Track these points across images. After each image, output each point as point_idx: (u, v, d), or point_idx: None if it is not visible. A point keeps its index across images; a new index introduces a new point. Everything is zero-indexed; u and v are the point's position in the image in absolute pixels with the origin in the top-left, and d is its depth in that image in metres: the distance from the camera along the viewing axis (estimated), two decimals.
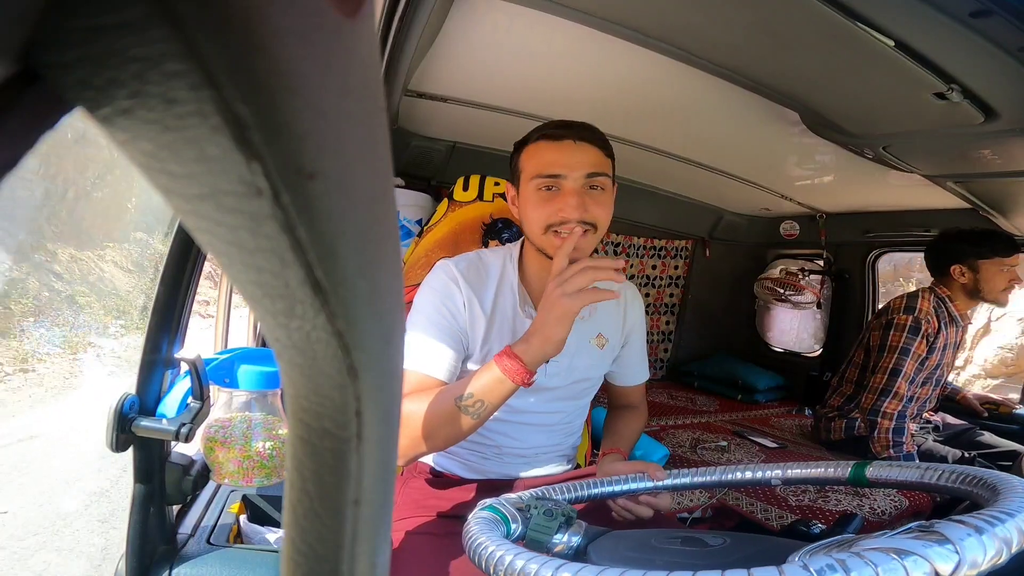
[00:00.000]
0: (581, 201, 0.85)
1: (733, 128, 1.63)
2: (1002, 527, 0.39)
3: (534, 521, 0.60)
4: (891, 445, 1.76)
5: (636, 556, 0.54)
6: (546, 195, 0.87)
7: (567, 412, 1.04)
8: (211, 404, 0.75)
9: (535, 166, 0.88)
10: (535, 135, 0.90)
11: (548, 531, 0.60)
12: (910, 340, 1.80)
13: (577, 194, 0.85)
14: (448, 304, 0.92)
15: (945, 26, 0.80)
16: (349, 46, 0.12)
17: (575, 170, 0.85)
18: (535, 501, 0.63)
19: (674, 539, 0.56)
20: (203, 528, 0.88)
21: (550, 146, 0.87)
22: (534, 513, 0.61)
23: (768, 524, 1.46)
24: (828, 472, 0.73)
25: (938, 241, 1.90)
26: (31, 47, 0.10)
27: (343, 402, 0.16)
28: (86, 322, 5.05)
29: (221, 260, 0.13)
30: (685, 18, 0.97)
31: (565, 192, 0.86)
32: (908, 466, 0.67)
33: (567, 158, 0.86)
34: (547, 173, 0.86)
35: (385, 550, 0.20)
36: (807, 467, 0.76)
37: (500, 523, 0.60)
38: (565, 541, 0.59)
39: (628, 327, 1.07)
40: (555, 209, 0.85)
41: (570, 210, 0.84)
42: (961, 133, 1.21)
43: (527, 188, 0.89)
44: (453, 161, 2.00)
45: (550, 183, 0.86)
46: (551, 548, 0.60)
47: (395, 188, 0.49)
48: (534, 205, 0.88)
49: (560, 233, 0.86)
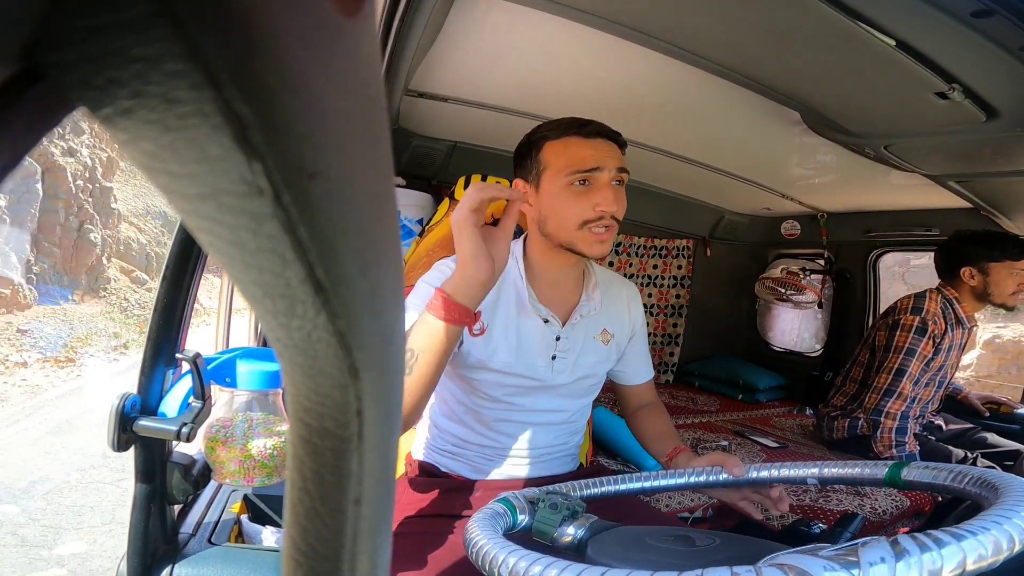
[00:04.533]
0: (617, 195, 0.87)
1: (734, 128, 1.63)
2: (933, 554, 0.38)
3: (540, 514, 0.63)
4: (894, 445, 1.76)
5: (624, 552, 0.56)
6: (581, 190, 0.87)
7: (572, 411, 1.03)
8: (212, 404, 0.75)
9: (568, 162, 0.88)
10: (559, 131, 0.90)
11: (552, 524, 0.62)
12: (916, 341, 1.80)
13: (613, 189, 0.87)
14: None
15: (946, 26, 0.80)
16: (350, 46, 0.12)
17: (609, 164, 0.87)
18: (546, 496, 0.65)
19: (668, 537, 0.58)
20: (204, 527, 0.89)
21: (584, 142, 0.88)
22: (541, 506, 0.64)
23: (769, 524, 1.46)
24: (865, 472, 0.73)
25: (949, 242, 1.89)
26: (33, 46, 0.10)
27: (344, 401, 0.16)
28: None
29: (222, 260, 0.13)
30: (686, 18, 0.97)
31: (602, 186, 0.87)
32: (943, 468, 0.65)
33: (602, 153, 0.87)
34: (585, 168, 0.87)
35: (386, 550, 0.20)
36: (844, 466, 0.76)
37: (506, 515, 0.63)
38: (572, 533, 0.61)
39: (632, 323, 1.07)
40: (592, 203, 0.86)
41: (608, 203, 0.86)
42: (962, 133, 1.20)
43: (555, 184, 0.88)
44: (454, 161, 2.00)
45: (586, 177, 0.87)
46: (556, 540, 0.62)
47: (396, 188, 0.49)
48: (568, 201, 0.88)
49: (594, 230, 0.87)
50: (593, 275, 1.01)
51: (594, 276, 1.01)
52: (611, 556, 0.55)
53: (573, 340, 0.98)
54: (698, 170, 2.09)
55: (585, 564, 0.45)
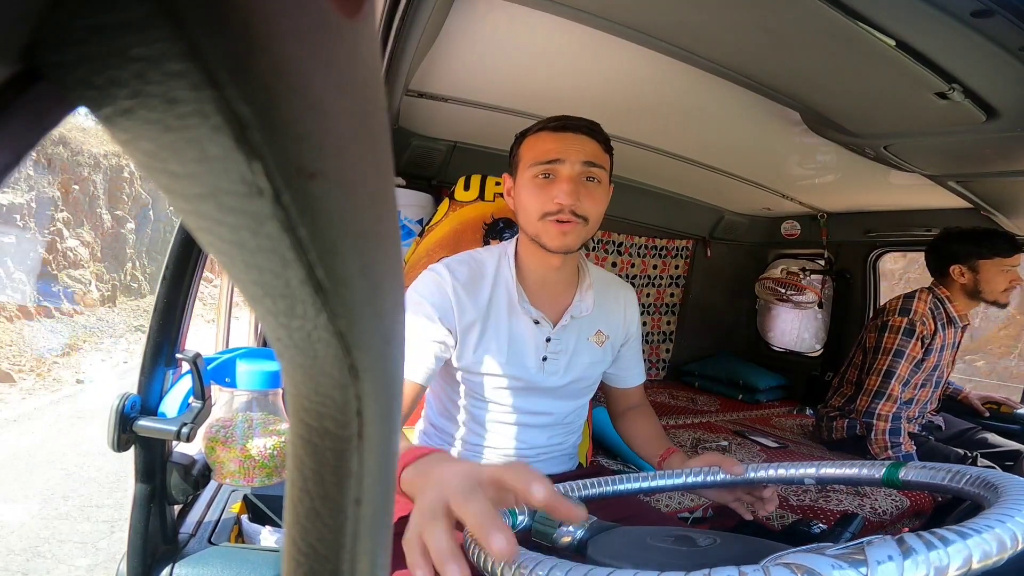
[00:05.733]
0: (575, 189, 0.86)
1: (734, 128, 1.63)
2: (939, 552, 0.38)
3: (539, 515, 0.63)
4: (889, 446, 1.76)
5: (625, 552, 0.56)
6: (543, 183, 0.88)
7: (567, 412, 1.03)
8: (212, 404, 0.75)
9: (533, 154, 0.89)
10: (536, 128, 0.92)
11: (552, 524, 0.62)
12: (904, 342, 1.79)
13: (572, 181, 0.87)
14: (431, 306, 0.91)
15: (946, 26, 0.80)
16: (350, 46, 0.12)
17: (572, 156, 0.87)
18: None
19: (668, 537, 0.58)
20: (204, 528, 0.89)
21: (551, 136, 0.89)
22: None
23: (769, 524, 1.46)
24: (862, 472, 0.73)
25: (938, 241, 1.89)
26: (33, 46, 0.10)
27: (344, 401, 0.16)
28: None
29: (222, 260, 0.13)
30: (686, 18, 0.97)
31: (561, 178, 0.87)
32: (941, 468, 0.64)
33: (566, 146, 0.88)
34: (545, 160, 0.88)
35: (386, 550, 0.20)
36: (841, 466, 0.75)
37: (505, 516, 0.63)
38: (572, 534, 0.61)
39: (627, 326, 1.07)
40: (551, 196, 0.87)
41: (564, 196, 0.86)
42: (962, 133, 1.20)
43: (524, 176, 0.91)
44: (454, 161, 2.00)
45: (548, 170, 0.88)
46: (556, 540, 0.62)
47: (396, 188, 0.49)
48: (530, 193, 0.89)
49: (555, 220, 0.87)
50: (588, 276, 1.01)
51: (588, 277, 1.01)
52: (612, 556, 0.55)
53: (565, 342, 0.98)
54: (698, 170, 2.09)
55: (589, 565, 0.45)
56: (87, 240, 7.42)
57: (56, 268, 6.82)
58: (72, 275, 7.09)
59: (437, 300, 0.91)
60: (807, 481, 0.77)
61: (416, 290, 0.93)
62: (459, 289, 0.92)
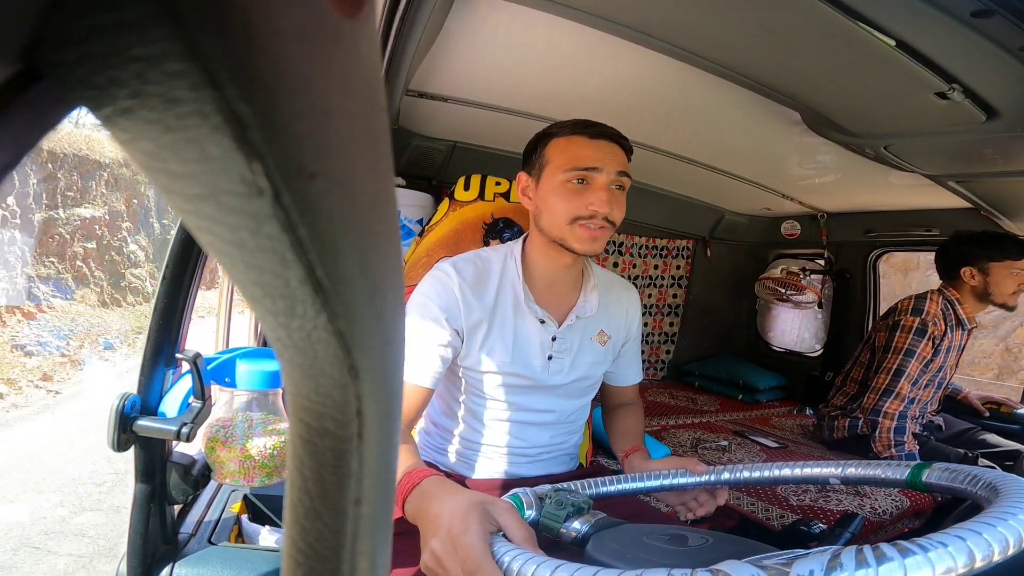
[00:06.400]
0: (611, 197, 0.88)
1: (734, 128, 1.63)
2: (867, 572, 0.36)
3: (546, 509, 0.65)
4: (892, 445, 1.77)
5: (619, 549, 0.57)
6: (577, 187, 0.89)
7: (570, 411, 1.04)
8: (212, 404, 0.75)
9: (568, 159, 0.90)
10: (566, 129, 0.92)
11: (557, 519, 0.64)
12: (916, 342, 1.80)
13: (608, 190, 0.89)
14: (438, 308, 0.91)
15: (946, 26, 0.80)
16: (350, 46, 0.12)
17: (609, 166, 0.89)
18: (554, 492, 0.67)
19: (664, 536, 0.59)
20: (204, 527, 0.89)
21: (586, 142, 0.90)
22: (547, 502, 0.66)
23: (769, 524, 1.46)
24: (887, 474, 0.71)
25: (949, 243, 1.90)
26: (33, 46, 0.10)
27: (344, 401, 0.16)
28: None
29: (222, 260, 0.13)
30: (686, 18, 0.97)
31: (598, 186, 0.88)
32: (967, 472, 0.61)
33: (603, 154, 0.89)
34: (583, 166, 0.88)
35: (386, 550, 0.20)
36: (867, 467, 0.74)
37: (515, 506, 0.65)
38: (577, 528, 0.63)
39: (629, 326, 1.07)
40: (586, 202, 0.88)
41: (601, 204, 0.87)
42: (962, 133, 1.20)
43: (553, 179, 0.91)
44: (454, 161, 2.00)
45: (583, 176, 0.89)
46: (561, 535, 0.64)
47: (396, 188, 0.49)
48: (562, 196, 0.89)
49: (587, 226, 0.88)
50: (592, 277, 1.02)
51: (593, 278, 1.02)
52: (607, 553, 0.56)
53: (569, 341, 0.99)
54: (698, 170, 2.09)
55: (579, 564, 0.46)
56: (143, 244, 9.14)
57: (124, 267, 8.59)
58: (134, 273, 8.77)
59: (444, 301, 0.92)
60: (832, 481, 0.77)
61: (422, 291, 0.94)
62: (465, 288, 0.92)
